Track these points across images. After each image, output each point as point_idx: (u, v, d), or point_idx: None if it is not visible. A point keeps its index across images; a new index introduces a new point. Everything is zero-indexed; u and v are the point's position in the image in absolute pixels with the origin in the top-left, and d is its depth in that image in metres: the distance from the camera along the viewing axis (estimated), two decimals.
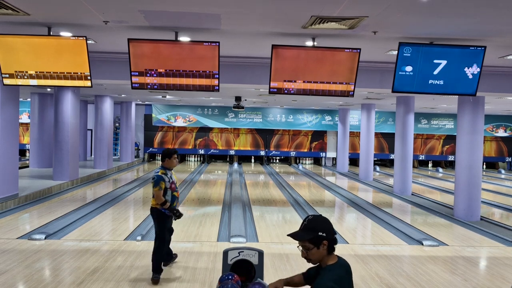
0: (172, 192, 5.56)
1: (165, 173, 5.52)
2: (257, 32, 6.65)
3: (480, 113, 9.96)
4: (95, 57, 8.18)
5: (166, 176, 5.49)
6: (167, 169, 5.58)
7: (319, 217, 2.55)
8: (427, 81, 6.89)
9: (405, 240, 7.95)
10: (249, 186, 14.89)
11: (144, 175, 17.33)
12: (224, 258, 3.70)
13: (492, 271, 6.45)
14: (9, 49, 6.77)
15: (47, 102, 16.55)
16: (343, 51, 6.84)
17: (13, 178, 10.07)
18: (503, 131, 24.32)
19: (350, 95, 7.14)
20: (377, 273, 6.02)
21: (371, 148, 17.81)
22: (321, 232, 2.46)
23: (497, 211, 11.43)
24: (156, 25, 6.43)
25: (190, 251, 6.83)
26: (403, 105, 13.90)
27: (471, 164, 9.97)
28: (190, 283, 5.43)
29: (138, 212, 10.01)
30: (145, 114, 23.77)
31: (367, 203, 11.88)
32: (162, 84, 7.02)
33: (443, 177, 19.70)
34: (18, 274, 5.58)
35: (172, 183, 5.56)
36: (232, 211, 10.01)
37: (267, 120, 23.22)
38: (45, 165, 16.31)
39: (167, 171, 5.56)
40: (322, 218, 2.54)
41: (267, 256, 4.79)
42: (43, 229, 7.81)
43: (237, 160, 23.96)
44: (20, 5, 5.60)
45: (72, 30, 6.83)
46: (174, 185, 5.60)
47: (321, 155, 24.45)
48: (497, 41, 6.78)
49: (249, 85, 9.48)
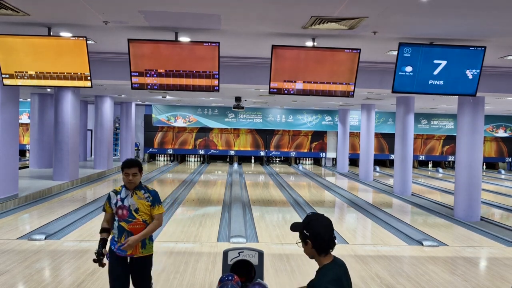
0: (119, 222, 3.83)
1: (117, 192, 3.91)
2: (257, 32, 6.65)
3: (480, 113, 9.96)
4: (95, 57, 8.17)
5: (116, 195, 3.88)
6: (126, 187, 3.91)
7: (316, 216, 2.55)
8: (427, 82, 6.89)
9: (405, 240, 7.95)
10: (249, 186, 14.89)
11: (144, 175, 17.33)
12: (224, 258, 3.70)
13: (492, 271, 6.45)
14: (9, 50, 6.76)
15: (47, 103, 16.54)
16: (343, 52, 6.83)
17: (13, 178, 10.07)
18: (503, 132, 24.32)
19: (350, 95, 7.14)
20: (377, 273, 6.02)
21: (371, 148, 17.81)
22: (306, 230, 2.49)
23: (497, 212, 11.43)
24: (156, 26, 6.42)
25: (190, 251, 6.83)
26: (403, 105, 13.90)
27: (471, 164, 9.97)
28: (190, 284, 5.43)
29: None
30: (145, 114, 23.77)
31: (367, 204, 11.88)
32: (162, 85, 7.01)
33: (443, 178, 19.70)
34: (18, 274, 5.58)
35: (121, 208, 3.82)
36: (232, 211, 10.01)
37: (267, 120, 23.22)
38: (45, 165, 16.30)
39: (124, 190, 3.90)
40: (317, 218, 2.54)
41: (267, 256, 4.79)
42: (43, 229, 7.81)
43: (237, 161, 23.95)
44: (20, 5, 5.59)
45: (72, 31, 6.83)
46: (125, 211, 3.80)
47: (321, 155, 24.45)
48: (497, 41, 6.78)
49: (249, 86, 9.48)
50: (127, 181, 3.84)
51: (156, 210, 3.88)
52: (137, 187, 3.88)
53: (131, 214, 3.82)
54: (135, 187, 3.87)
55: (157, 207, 3.88)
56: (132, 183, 3.84)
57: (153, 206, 3.87)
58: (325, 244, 2.48)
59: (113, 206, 3.88)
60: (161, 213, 3.93)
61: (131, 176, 3.84)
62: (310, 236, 2.48)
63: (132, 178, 3.84)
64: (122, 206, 3.83)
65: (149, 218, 3.86)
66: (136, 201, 3.84)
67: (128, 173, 3.85)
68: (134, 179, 3.85)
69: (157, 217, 3.89)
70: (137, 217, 3.83)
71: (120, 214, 3.84)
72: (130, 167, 3.85)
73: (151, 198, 3.87)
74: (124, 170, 3.86)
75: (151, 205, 3.86)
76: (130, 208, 3.82)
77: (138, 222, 3.82)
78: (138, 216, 3.82)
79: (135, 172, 3.85)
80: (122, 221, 3.83)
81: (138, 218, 3.83)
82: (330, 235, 2.49)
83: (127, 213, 3.82)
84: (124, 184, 3.89)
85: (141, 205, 3.84)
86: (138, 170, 3.87)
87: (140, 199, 3.86)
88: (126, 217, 3.82)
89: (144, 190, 3.90)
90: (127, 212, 3.82)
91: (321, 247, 2.48)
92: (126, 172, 3.84)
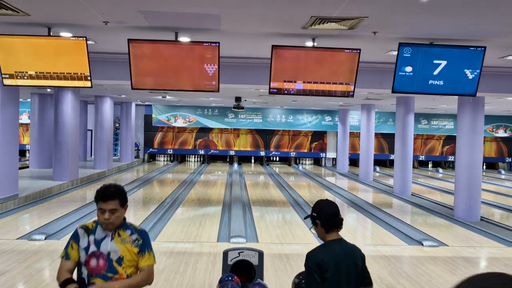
0: (90, 277, 2.60)
1: (90, 230, 2.69)
2: (257, 32, 6.65)
3: (480, 113, 9.96)
4: (95, 57, 8.17)
5: (88, 235, 2.67)
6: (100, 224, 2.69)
7: (324, 200, 2.84)
8: (427, 82, 6.89)
9: (405, 240, 7.95)
10: (249, 186, 14.89)
11: (144, 176, 17.33)
12: (224, 258, 3.70)
13: (492, 271, 6.44)
14: (9, 50, 6.76)
15: (47, 103, 16.54)
16: (343, 52, 6.83)
17: (13, 178, 10.07)
18: (503, 132, 24.32)
19: (350, 95, 7.14)
20: (377, 273, 6.02)
21: (371, 148, 17.81)
22: (314, 212, 2.74)
23: (497, 212, 11.43)
24: (156, 26, 6.42)
25: (190, 251, 6.83)
26: (403, 105, 13.90)
27: (471, 164, 9.97)
28: (190, 284, 5.43)
29: (138, 212, 10.01)
30: (145, 114, 23.77)
31: (367, 204, 11.88)
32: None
33: (443, 178, 19.70)
34: (18, 274, 5.58)
35: (96, 257, 2.62)
36: (232, 211, 10.01)
37: (267, 120, 23.22)
38: (45, 165, 16.30)
39: (101, 228, 2.67)
40: (324, 201, 2.81)
41: (267, 256, 4.79)
42: (43, 229, 7.81)
43: (237, 161, 23.95)
44: (20, 6, 5.59)
45: (72, 31, 6.83)
46: (102, 261, 2.61)
47: (321, 155, 24.44)
48: (497, 41, 6.78)
49: (249, 86, 9.48)
50: (102, 220, 2.61)
51: (146, 260, 2.66)
52: (121, 226, 2.67)
53: (111, 266, 2.58)
54: (117, 226, 2.66)
55: (147, 255, 2.67)
56: (110, 223, 2.61)
57: (142, 253, 2.65)
58: (331, 220, 2.69)
59: (82, 252, 2.62)
60: (152, 265, 2.68)
61: (107, 214, 2.58)
62: (317, 216, 2.71)
63: (110, 217, 2.58)
64: (98, 253, 2.59)
65: (136, 272, 2.67)
66: (119, 247, 2.61)
67: (104, 209, 2.59)
68: (113, 218, 2.60)
69: (146, 270, 2.65)
70: (120, 270, 2.60)
71: (93, 266, 2.58)
72: (106, 199, 2.59)
73: (140, 242, 2.66)
74: (98, 204, 2.62)
75: (139, 252, 2.65)
76: (109, 256, 2.59)
77: (121, 277, 2.59)
78: (121, 269, 2.61)
79: (113, 208, 2.59)
80: (96, 277, 2.58)
81: (121, 272, 2.60)
82: (335, 212, 2.72)
83: (105, 265, 2.58)
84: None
85: (126, 252, 2.62)
86: (119, 204, 2.62)
87: (124, 243, 2.63)
88: (104, 271, 2.58)
89: (131, 230, 2.68)
90: (104, 263, 2.58)
91: (327, 223, 2.69)
92: (101, 208, 2.60)
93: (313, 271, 2.55)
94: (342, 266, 2.60)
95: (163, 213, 9.62)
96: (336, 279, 2.58)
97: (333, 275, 2.57)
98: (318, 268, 2.55)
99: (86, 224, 2.76)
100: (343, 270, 2.61)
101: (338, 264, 2.59)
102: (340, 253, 2.65)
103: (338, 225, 2.72)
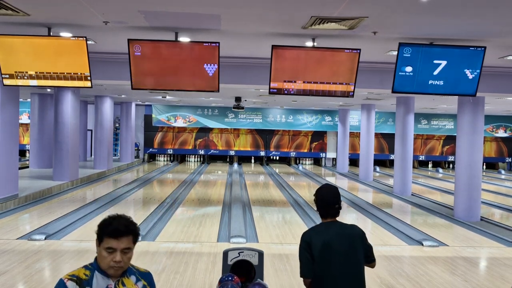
0: None
1: (82, 281, 2.06)
2: (257, 32, 6.65)
3: (480, 113, 9.96)
4: (95, 57, 8.17)
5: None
6: (104, 273, 2.09)
7: (325, 187, 3.00)
8: (427, 82, 6.89)
9: (405, 240, 7.95)
10: (249, 186, 14.89)
11: (144, 176, 17.32)
12: (224, 258, 3.70)
13: (492, 271, 6.45)
14: (9, 50, 6.76)
15: (47, 103, 16.54)
16: (343, 52, 6.83)
17: (13, 178, 10.06)
18: (503, 132, 24.32)
19: (350, 95, 7.14)
20: (377, 273, 6.01)
21: (371, 148, 17.81)
22: (315, 195, 2.95)
23: (497, 212, 11.43)
24: (156, 26, 6.42)
25: (190, 251, 6.83)
26: (403, 105, 13.90)
27: (471, 164, 9.97)
28: (190, 284, 5.42)
29: (138, 212, 10.01)
30: (145, 114, 23.77)
31: (367, 204, 11.88)
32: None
33: (443, 178, 19.70)
34: (18, 274, 5.58)
35: None
36: (232, 211, 10.01)
37: (267, 120, 23.22)
38: (45, 165, 16.30)
39: (100, 277, 2.09)
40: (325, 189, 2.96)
41: (267, 256, 4.79)
42: (43, 229, 7.80)
43: (237, 161, 23.95)
44: (20, 6, 5.59)
45: (72, 31, 6.83)
46: None
47: (321, 155, 24.44)
48: (497, 41, 6.78)
49: (249, 86, 9.48)
50: (111, 264, 2.05)
51: None
52: (126, 272, 2.13)
53: None
54: (122, 272, 2.12)
55: None
56: (121, 267, 2.08)
57: None
58: (326, 209, 2.88)
59: None
60: None
61: (118, 256, 2.04)
62: (317, 200, 2.93)
63: (122, 258, 2.05)
64: None
65: None
66: None
67: (114, 248, 2.04)
68: (125, 260, 2.07)
69: None
70: None
71: None
72: (118, 235, 2.03)
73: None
74: (105, 242, 2.05)
75: None
76: None
77: None
78: None
79: (127, 247, 2.06)
80: None
81: None
82: (333, 202, 2.88)
83: None
84: (101, 267, 2.09)
85: None
86: (132, 240, 2.09)
87: None
88: None
89: (135, 275, 2.16)
90: None
91: (323, 211, 2.90)
92: (110, 247, 2.04)
93: (304, 249, 2.81)
94: (332, 247, 2.77)
95: (163, 213, 9.62)
96: (326, 258, 2.75)
97: (321, 255, 2.75)
98: (308, 246, 2.80)
99: (75, 274, 2.07)
100: (334, 251, 2.76)
101: (327, 245, 2.77)
102: (332, 235, 2.81)
103: (333, 215, 2.90)
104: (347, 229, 2.89)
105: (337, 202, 2.89)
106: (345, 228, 2.90)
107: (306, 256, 2.79)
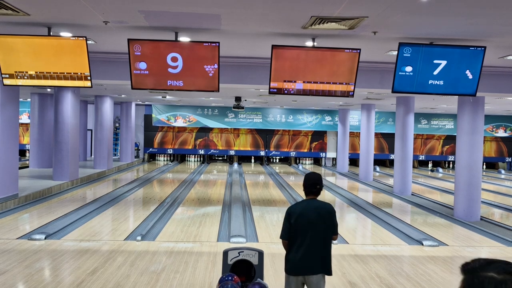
0: None
1: None
2: (257, 32, 6.65)
3: (480, 113, 9.96)
4: (95, 57, 8.18)
5: None
6: None
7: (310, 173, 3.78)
8: (427, 82, 6.89)
9: (405, 240, 7.95)
10: (249, 186, 14.89)
11: (144, 175, 17.33)
12: (224, 258, 3.70)
13: None
14: (9, 50, 6.76)
15: (47, 103, 16.55)
16: (343, 52, 6.83)
17: (13, 178, 10.07)
18: (503, 131, 24.32)
19: (350, 95, 7.14)
20: (377, 273, 6.02)
21: (371, 148, 17.81)
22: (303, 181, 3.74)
23: (497, 211, 11.43)
24: (156, 25, 6.43)
25: (190, 251, 6.83)
26: (403, 105, 13.90)
27: (471, 164, 9.97)
28: (190, 284, 5.43)
29: (138, 212, 10.01)
30: (145, 114, 23.77)
31: (367, 203, 11.88)
32: None
33: (443, 177, 19.70)
34: (18, 274, 5.58)
35: None
36: (232, 211, 10.01)
37: (267, 120, 23.22)
38: (45, 165, 16.31)
39: None
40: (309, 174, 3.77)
41: (267, 256, 4.79)
42: (43, 229, 7.81)
43: (237, 160, 23.95)
44: (20, 5, 5.60)
45: (72, 30, 6.83)
46: None
47: (321, 155, 24.44)
48: (497, 41, 6.78)
49: (249, 86, 9.48)
50: None
51: None
52: None
53: None
54: None
55: None
56: None
57: None
58: (309, 188, 3.67)
59: None
60: None
61: None
62: (303, 182, 3.72)
63: None
64: None
65: None
66: None
67: None
68: None
69: None
70: None
71: None
72: None
73: None
74: None
75: None
76: None
77: None
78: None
79: None
80: None
81: None
82: (314, 183, 3.65)
83: None
84: None
85: None
86: None
87: None
88: None
89: None
90: None
91: (306, 190, 3.70)
92: None
93: (285, 218, 3.67)
94: (306, 216, 3.56)
95: (163, 212, 9.62)
96: (300, 224, 3.57)
97: (296, 221, 3.59)
98: (288, 216, 3.64)
99: None
100: (306, 219, 3.56)
101: (302, 214, 3.57)
102: (307, 207, 3.61)
103: (315, 193, 3.67)
104: (321, 205, 3.63)
105: (318, 183, 3.65)
106: (319, 203, 3.64)
107: (285, 223, 3.67)
